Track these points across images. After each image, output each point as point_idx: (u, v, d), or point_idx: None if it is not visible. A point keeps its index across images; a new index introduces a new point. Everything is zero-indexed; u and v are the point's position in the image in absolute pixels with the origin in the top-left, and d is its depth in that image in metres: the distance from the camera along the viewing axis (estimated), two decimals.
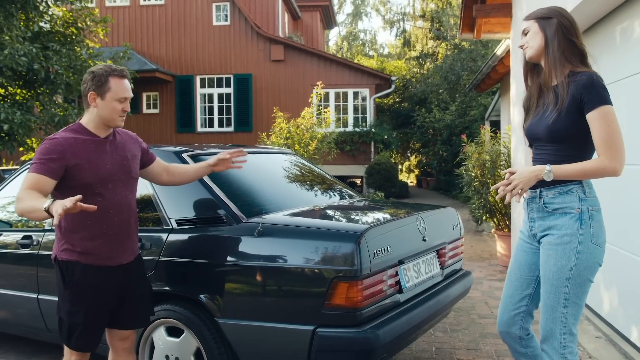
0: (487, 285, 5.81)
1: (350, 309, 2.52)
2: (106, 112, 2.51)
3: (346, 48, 37.29)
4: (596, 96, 2.20)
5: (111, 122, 2.55)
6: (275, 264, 2.66)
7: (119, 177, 2.57)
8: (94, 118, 2.55)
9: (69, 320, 2.50)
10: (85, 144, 2.50)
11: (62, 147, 2.43)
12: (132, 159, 2.68)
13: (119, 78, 2.52)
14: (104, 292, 2.54)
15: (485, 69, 9.50)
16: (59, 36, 10.90)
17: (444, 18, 25.49)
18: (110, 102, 2.50)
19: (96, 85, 2.49)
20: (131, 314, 2.69)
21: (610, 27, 3.94)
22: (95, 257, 2.51)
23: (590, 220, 2.26)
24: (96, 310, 2.53)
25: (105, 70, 2.50)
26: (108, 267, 2.55)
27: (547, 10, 2.37)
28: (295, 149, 9.30)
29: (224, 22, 17.11)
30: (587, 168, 2.23)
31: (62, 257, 2.52)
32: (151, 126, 17.17)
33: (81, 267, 2.49)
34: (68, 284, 2.50)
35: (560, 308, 2.28)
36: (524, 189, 2.27)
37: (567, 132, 2.27)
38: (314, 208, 3.33)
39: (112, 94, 2.49)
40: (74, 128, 2.55)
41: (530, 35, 2.39)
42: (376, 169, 15.43)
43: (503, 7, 6.38)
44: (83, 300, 2.50)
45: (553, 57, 2.32)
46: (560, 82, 2.30)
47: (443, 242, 3.43)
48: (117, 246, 2.57)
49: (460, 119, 16.68)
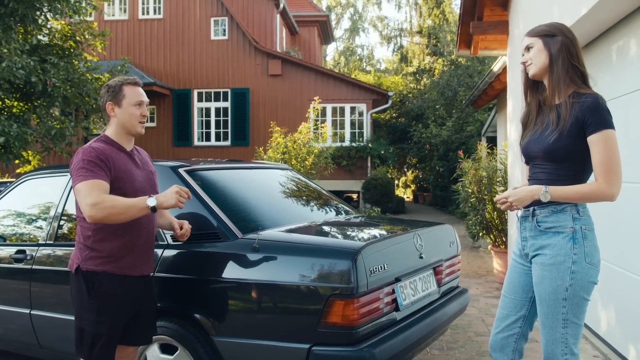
0: (484, 302, 5.78)
1: (347, 327, 2.49)
2: (125, 118, 2.60)
3: (343, 63, 37.48)
4: (600, 119, 2.19)
5: (132, 129, 2.62)
6: (271, 281, 2.64)
7: (147, 190, 2.63)
8: (116, 128, 2.63)
9: (93, 331, 2.49)
10: (119, 155, 2.57)
11: (104, 156, 2.48)
12: (154, 174, 2.78)
13: (133, 85, 2.64)
14: (127, 303, 2.57)
15: (482, 85, 9.54)
16: (57, 49, 10.93)
17: (440, 34, 25.68)
18: (128, 108, 2.60)
19: (112, 95, 2.61)
20: (140, 329, 2.69)
21: (607, 45, 3.96)
22: (122, 265, 2.54)
23: (584, 239, 2.25)
24: (120, 321, 2.56)
25: (118, 81, 2.64)
26: (132, 277, 2.58)
27: (552, 28, 2.35)
28: (292, 163, 9.29)
29: (222, 36, 17.19)
30: (584, 191, 2.22)
31: (86, 267, 2.52)
32: (148, 140, 17.16)
33: (108, 276, 2.51)
34: (94, 293, 2.50)
35: (559, 329, 2.26)
36: (517, 207, 2.29)
37: (567, 152, 2.26)
38: (310, 224, 3.31)
39: (128, 100, 2.60)
40: (103, 139, 2.60)
41: (534, 52, 2.36)
42: (373, 184, 15.42)
43: (499, 25, 6.42)
44: (109, 309, 2.51)
45: (557, 76, 2.31)
46: (563, 102, 2.29)
47: (440, 259, 3.42)
48: (142, 256, 2.62)
49: (456, 135, 16.73)
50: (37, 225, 3.67)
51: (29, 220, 3.80)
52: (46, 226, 3.52)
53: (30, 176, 3.85)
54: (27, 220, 3.82)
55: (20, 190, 3.87)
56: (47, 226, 3.51)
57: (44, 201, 3.69)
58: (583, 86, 2.31)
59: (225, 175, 3.56)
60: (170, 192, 2.43)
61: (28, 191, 3.83)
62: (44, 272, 3.37)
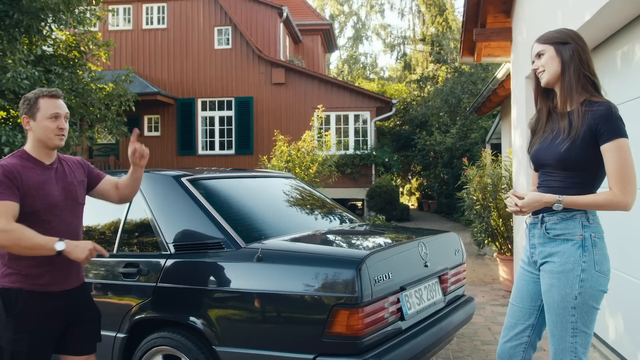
0: (490, 310, 5.73)
1: (351, 337, 2.46)
2: (40, 131, 2.50)
3: (347, 71, 37.55)
4: (613, 128, 2.17)
5: (49, 142, 2.52)
6: (275, 290, 2.61)
7: (65, 204, 2.55)
8: (33, 142, 2.53)
9: (12, 349, 2.41)
10: (33, 171, 2.48)
11: (14, 174, 2.40)
12: (79, 185, 2.66)
13: (49, 98, 2.52)
14: (48, 319, 2.48)
15: (486, 92, 9.52)
16: (62, 60, 10.97)
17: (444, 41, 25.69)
18: (42, 121, 2.49)
19: (27, 108, 2.52)
20: (81, 339, 2.62)
21: (611, 50, 3.94)
22: (41, 283, 2.46)
23: (593, 247, 2.22)
24: (41, 337, 2.46)
25: (35, 93, 2.53)
26: (52, 292, 2.50)
27: (563, 35, 2.32)
28: (296, 172, 9.28)
29: (225, 45, 17.25)
30: (598, 200, 2.20)
31: (4, 285, 2.44)
32: (152, 149, 17.21)
33: (25, 293, 2.43)
34: (11, 311, 2.42)
35: (568, 338, 2.23)
36: (526, 213, 2.28)
37: (580, 161, 2.24)
38: (314, 233, 3.29)
39: (42, 113, 2.49)
40: (18, 155, 2.53)
41: (545, 60, 2.33)
42: (377, 192, 15.39)
43: (503, 31, 6.42)
44: (27, 327, 2.42)
45: (569, 84, 2.28)
46: (575, 110, 2.27)
47: (445, 267, 3.39)
48: (62, 272, 2.53)
49: (461, 142, 16.71)
50: None
51: None
52: None
53: None
54: None
55: None
56: None
57: None
58: (595, 94, 2.28)
59: (229, 185, 3.54)
60: (84, 246, 2.37)
61: None
62: None
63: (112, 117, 11.54)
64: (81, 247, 2.37)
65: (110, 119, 11.47)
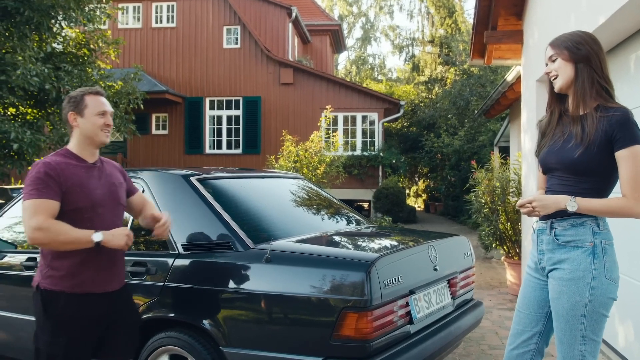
0: (497, 314, 5.69)
1: (360, 341, 2.44)
2: (88, 127, 2.53)
3: (355, 72, 37.50)
4: (629, 134, 2.13)
5: (96, 138, 2.55)
6: (283, 292, 2.59)
7: (107, 203, 2.56)
8: (79, 139, 2.56)
9: (48, 352, 2.41)
10: (76, 169, 2.50)
11: (56, 171, 2.42)
12: (119, 186, 2.67)
13: (94, 95, 2.58)
14: (87, 322, 2.47)
15: (495, 94, 9.47)
16: (71, 57, 11.01)
17: (453, 44, 25.62)
18: (90, 117, 2.53)
19: (74, 105, 2.54)
20: (117, 344, 2.60)
21: (625, 54, 3.90)
22: (81, 284, 2.45)
23: (604, 254, 2.19)
24: (79, 342, 2.45)
25: (80, 91, 2.58)
26: (93, 294, 2.48)
27: (577, 38, 2.27)
28: (303, 172, 9.27)
29: (234, 45, 17.26)
30: (612, 205, 2.16)
31: (44, 286, 2.44)
32: (160, 147, 17.24)
33: (65, 296, 2.42)
34: (50, 314, 2.42)
35: (577, 346, 2.19)
36: (539, 213, 2.23)
37: (593, 166, 2.20)
38: (322, 234, 3.27)
39: (90, 110, 2.53)
40: (62, 153, 2.55)
41: (558, 65, 2.29)
42: (384, 193, 15.36)
43: (514, 34, 6.38)
44: (65, 331, 2.42)
45: (582, 89, 2.24)
46: (589, 115, 2.23)
47: (454, 271, 3.36)
48: (103, 273, 2.52)
49: (469, 145, 16.64)
50: None
51: None
52: None
53: None
54: None
55: None
56: None
57: None
58: (609, 99, 2.24)
59: (237, 184, 3.53)
60: (119, 232, 2.39)
61: None
62: None
63: (121, 115, 11.57)
64: (118, 234, 2.38)
65: (119, 116, 11.50)
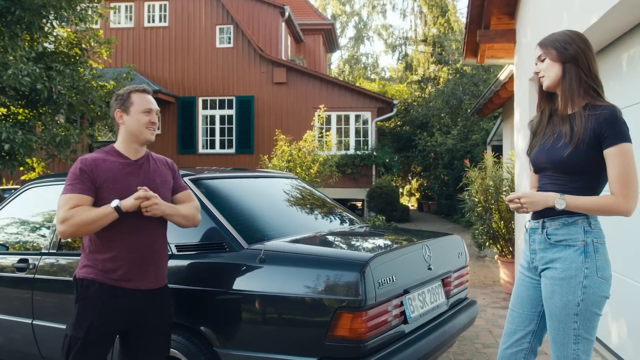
0: (491, 313, 5.71)
1: (354, 341, 2.44)
2: (133, 125, 2.58)
3: (348, 71, 37.51)
4: (617, 132, 2.14)
5: (141, 135, 2.59)
6: (277, 292, 2.59)
7: None
8: (124, 136, 2.62)
9: (71, 334, 2.45)
10: (114, 165, 2.54)
11: (90, 167, 2.48)
12: (162, 183, 2.65)
13: (141, 93, 2.63)
14: (112, 312, 2.48)
15: (488, 93, 9.50)
16: (63, 57, 10.95)
17: (445, 43, 25.67)
18: (136, 115, 2.58)
19: (120, 103, 2.61)
20: (146, 346, 2.58)
21: (617, 53, 3.92)
22: (114, 277, 2.48)
23: (596, 253, 2.19)
24: (100, 329, 2.45)
25: (127, 89, 2.65)
26: (125, 289, 2.50)
27: (565, 37, 2.27)
28: (297, 172, 9.26)
29: (227, 44, 17.23)
30: (600, 203, 2.17)
31: (80, 275, 2.52)
32: (152, 147, 16.91)
33: (96, 284, 2.48)
34: (80, 297, 2.49)
35: (571, 345, 2.20)
36: (528, 210, 2.24)
37: (582, 165, 2.20)
38: (316, 234, 3.27)
39: (136, 107, 2.59)
40: (106, 150, 2.61)
41: (547, 65, 2.30)
42: (377, 193, 15.37)
43: (507, 33, 6.39)
44: (89, 314, 2.45)
45: (570, 88, 2.25)
46: (578, 114, 2.23)
47: (448, 270, 3.36)
48: (137, 269, 2.52)
49: (462, 143, 16.68)
50: (41, 233, 3.63)
51: (32, 229, 3.76)
52: (49, 235, 3.48)
53: (34, 184, 3.82)
54: (30, 229, 3.78)
55: (24, 198, 3.83)
56: (50, 235, 3.47)
57: (48, 209, 3.65)
58: (598, 98, 2.24)
59: (230, 184, 3.52)
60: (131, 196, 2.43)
61: (32, 199, 3.80)
62: (47, 281, 3.33)
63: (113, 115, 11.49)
64: (129, 198, 2.41)
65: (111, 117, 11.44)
